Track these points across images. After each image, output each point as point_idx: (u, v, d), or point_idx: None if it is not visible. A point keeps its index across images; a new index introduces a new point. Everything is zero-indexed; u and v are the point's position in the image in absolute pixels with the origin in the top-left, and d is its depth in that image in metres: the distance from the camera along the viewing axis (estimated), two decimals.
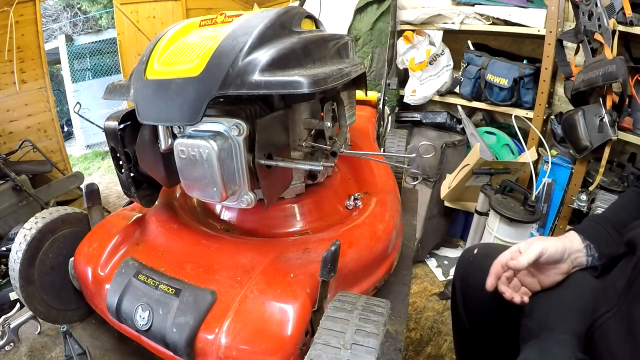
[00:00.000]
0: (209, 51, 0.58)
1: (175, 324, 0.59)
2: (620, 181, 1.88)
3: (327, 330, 0.50)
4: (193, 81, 0.57)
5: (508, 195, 1.66)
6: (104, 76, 5.42)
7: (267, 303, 0.59)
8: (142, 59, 0.66)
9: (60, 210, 0.81)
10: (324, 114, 0.81)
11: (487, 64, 2.15)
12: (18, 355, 0.80)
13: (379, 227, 0.81)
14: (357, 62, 0.82)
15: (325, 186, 0.90)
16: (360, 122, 1.24)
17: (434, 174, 2.26)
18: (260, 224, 0.82)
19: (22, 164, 2.60)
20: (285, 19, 0.67)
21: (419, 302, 2.01)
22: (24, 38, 2.96)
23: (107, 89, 0.71)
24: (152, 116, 0.62)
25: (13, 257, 0.73)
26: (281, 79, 0.54)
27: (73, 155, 4.83)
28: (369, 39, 2.41)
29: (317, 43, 0.69)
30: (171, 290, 0.63)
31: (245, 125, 0.61)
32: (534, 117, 2.06)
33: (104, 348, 0.76)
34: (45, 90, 3.17)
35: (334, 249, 0.57)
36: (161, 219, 0.81)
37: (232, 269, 0.67)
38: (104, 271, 0.72)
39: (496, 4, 2.06)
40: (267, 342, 0.56)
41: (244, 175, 0.63)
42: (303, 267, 0.65)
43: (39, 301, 0.76)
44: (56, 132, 3.30)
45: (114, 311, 0.66)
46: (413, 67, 2.36)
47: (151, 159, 0.72)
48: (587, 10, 1.66)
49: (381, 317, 0.52)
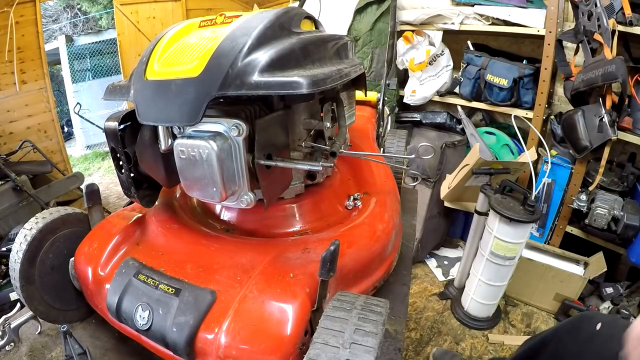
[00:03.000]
0: (209, 52, 0.58)
1: (175, 324, 0.59)
2: (620, 181, 1.88)
3: (326, 330, 0.50)
4: (193, 82, 0.57)
5: (508, 195, 1.66)
6: (104, 77, 5.42)
7: (267, 303, 0.59)
8: (142, 60, 0.66)
9: (60, 211, 0.81)
10: (323, 115, 0.81)
11: (486, 64, 2.15)
12: (18, 355, 0.80)
13: (379, 227, 0.81)
14: (357, 62, 0.82)
15: (325, 186, 0.90)
16: (360, 123, 1.25)
17: (433, 174, 2.26)
18: (260, 224, 0.82)
19: (22, 164, 2.60)
20: (285, 19, 0.67)
21: (419, 302, 2.01)
22: (24, 38, 2.97)
23: (107, 89, 0.72)
24: (152, 117, 0.62)
25: (13, 257, 0.73)
26: (280, 80, 0.54)
27: (73, 156, 4.83)
28: (369, 40, 2.41)
29: (317, 44, 0.69)
30: (171, 290, 0.63)
31: (245, 126, 0.61)
32: (533, 117, 2.06)
33: (104, 348, 0.76)
34: (46, 91, 3.17)
35: (333, 248, 0.57)
36: (161, 219, 0.81)
37: (232, 269, 0.67)
38: (104, 271, 0.72)
39: (496, 4, 2.07)
40: (267, 342, 0.56)
41: (244, 176, 0.63)
42: (302, 267, 0.66)
43: (40, 301, 0.76)
44: (56, 132, 3.30)
45: (114, 311, 0.66)
46: (413, 67, 2.36)
47: (151, 159, 0.72)
48: (586, 10, 1.66)
49: (380, 316, 0.52)
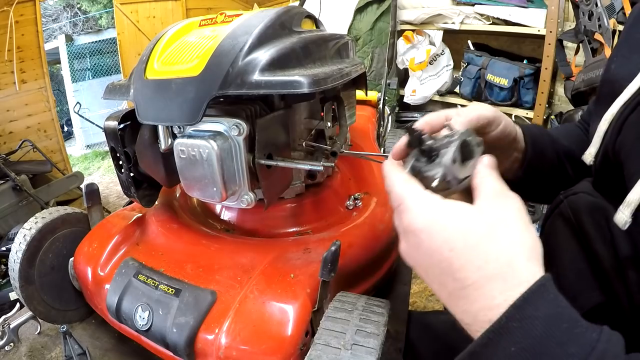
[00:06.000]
0: (209, 51, 0.58)
1: (175, 324, 0.59)
2: None
3: (328, 331, 0.50)
4: (193, 81, 0.57)
5: None
6: (104, 76, 5.42)
7: (267, 303, 0.59)
8: (142, 59, 0.65)
9: (60, 210, 0.81)
10: (324, 114, 0.81)
11: (487, 64, 2.15)
12: (18, 355, 0.80)
13: (379, 227, 0.81)
14: (357, 62, 0.82)
15: (326, 186, 0.90)
16: (360, 122, 1.24)
17: None
18: (260, 224, 0.82)
19: (22, 163, 2.60)
20: (286, 18, 0.67)
21: (419, 302, 2.01)
22: (24, 38, 2.96)
23: (107, 88, 0.71)
24: (152, 116, 0.62)
25: (13, 257, 0.73)
26: (281, 79, 0.54)
27: (73, 155, 4.83)
28: (369, 39, 2.41)
29: (317, 43, 0.68)
30: (171, 290, 0.63)
31: (246, 125, 0.61)
32: (534, 117, 2.06)
33: (104, 348, 0.76)
34: (45, 90, 3.17)
35: (334, 249, 0.57)
36: (161, 219, 0.81)
37: (232, 269, 0.67)
38: (103, 271, 0.72)
39: (496, 4, 2.06)
40: (267, 342, 0.55)
41: (244, 175, 0.63)
42: (303, 267, 0.65)
43: (39, 301, 0.76)
44: (56, 132, 3.30)
45: (113, 311, 0.66)
46: (413, 67, 2.36)
47: (151, 159, 0.72)
48: (587, 10, 1.66)
49: (381, 317, 0.52)
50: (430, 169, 0.39)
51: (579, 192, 0.53)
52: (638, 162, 0.44)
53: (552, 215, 0.56)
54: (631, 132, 0.46)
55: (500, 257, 0.32)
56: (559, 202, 0.55)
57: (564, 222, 0.53)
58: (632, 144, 0.45)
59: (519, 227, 0.34)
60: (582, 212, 0.49)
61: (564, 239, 0.52)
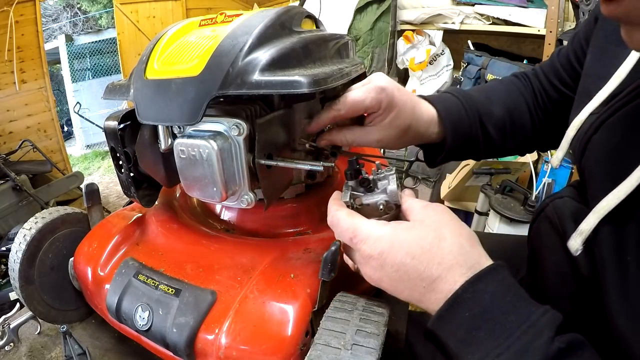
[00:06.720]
0: (209, 51, 0.58)
1: (175, 324, 0.59)
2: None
3: (328, 331, 0.50)
4: (193, 81, 0.57)
5: (508, 195, 1.66)
6: (104, 76, 5.43)
7: (268, 303, 0.59)
8: (141, 59, 0.65)
9: (60, 210, 0.81)
10: None
11: (487, 64, 2.15)
12: (18, 355, 0.80)
13: None
14: (358, 61, 0.82)
15: (326, 186, 0.90)
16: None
17: (434, 174, 2.25)
18: (260, 224, 0.82)
19: (22, 163, 2.60)
20: (286, 18, 0.67)
21: None
22: (23, 38, 2.97)
23: (106, 88, 0.71)
24: (152, 116, 0.62)
25: (13, 257, 0.73)
26: (281, 79, 0.54)
27: (73, 155, 4.83)
28: (369, 39, 2.41)
29: (318, 43, 0.68)
30: (171, 290, 0.63)
31: (246, 125, 0.60)
32: None
33: (104, 348, 0.76)
34: (45, 90, 3.17)
35: (334, 249, 0.57)
36: (161, 219, 0.81)
37: (232, 269, 0.67)
38: (103, 271, 0.72)
39: (496, 4, 2.06)
40: (268, 343, 0.55)
41: (244, 175, 0.63)
42: (303, 267, 0.65)
43: (39, 301, 0.76)
44: (56, 132, 3.30)
45: (113, 311, 0.66)
46: (413, 67, 2.36)
47: (151, 159, 0.72)
48: (587, 10, 1.66)
49: (382, 317, 0.52)
50: (371, 197, 0.48)
51: (565, 196, 0.54)
52: (595, 187, 0.45)
53: (538, 218, 0.57)
54: (592, 155, 0.47)
55: (452, 250, 0.39)
56: (545, 206, 0.56)
57: (549, 225, 0.54)
58: (592, 167, 0.47)
59: (455, 224, 0.43)
60: (566, 217, 0.51)
61: (550, 243, 0.53)
